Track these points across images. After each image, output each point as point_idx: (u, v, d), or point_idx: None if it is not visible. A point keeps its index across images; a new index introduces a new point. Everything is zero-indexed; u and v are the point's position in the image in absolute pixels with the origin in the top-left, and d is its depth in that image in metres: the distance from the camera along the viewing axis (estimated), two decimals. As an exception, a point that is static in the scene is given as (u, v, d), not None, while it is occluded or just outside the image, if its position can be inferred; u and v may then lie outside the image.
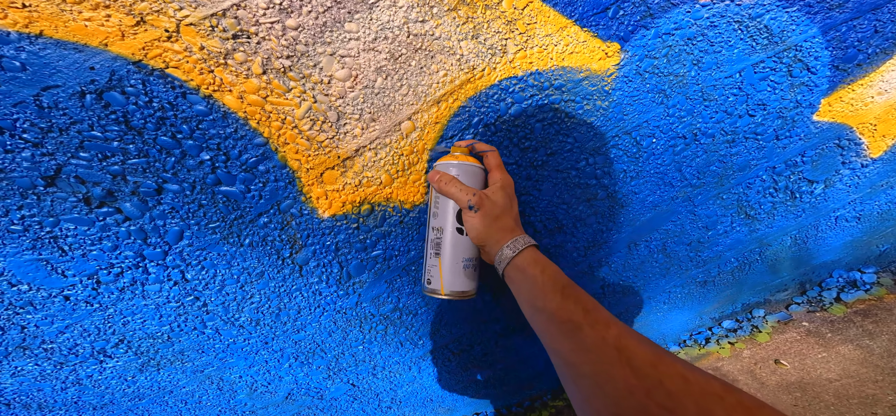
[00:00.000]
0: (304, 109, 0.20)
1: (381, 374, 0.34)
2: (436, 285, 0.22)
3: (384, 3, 0.19)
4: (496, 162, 0.22)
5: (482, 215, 0.20)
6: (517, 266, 0.19)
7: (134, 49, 0.17)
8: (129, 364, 0.25)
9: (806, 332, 0.36)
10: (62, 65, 0.16)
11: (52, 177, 0.18)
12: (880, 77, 0.28)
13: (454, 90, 0.21)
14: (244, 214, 0.21)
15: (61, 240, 0.19)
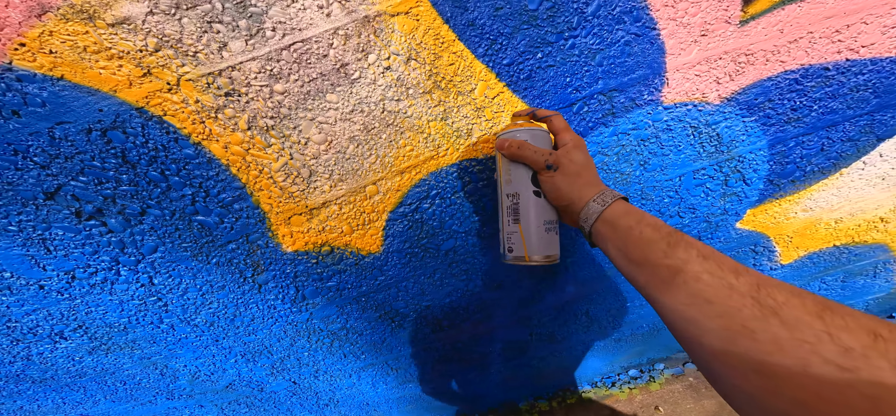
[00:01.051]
0: (281, 164, 0.31)
1: (322, 377, 0.51)
2: (519, 252, 0.28)
3: (365, 79, 0.30)
4: (563, 124, 0.28)
5: (562, 173, 0.26)
6: (607, 220, 0.23)
7: (138, 96, 0.26)
8: (81, 347, 0.36)
9: (688, 386, 0.63)
10: (76, 105, 0.26)
11: (52, 193, 0.27)
12: (808, 196, 0.46)
13: (418, 164, 0.34)
14: (215, 239, 0.33)
15: (49, 241, 0.29)
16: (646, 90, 0.35)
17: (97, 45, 0.25)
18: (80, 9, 0.23)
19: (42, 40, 0.24)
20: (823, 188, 0.44)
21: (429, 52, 0.30)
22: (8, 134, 0.26)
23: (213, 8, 0.25)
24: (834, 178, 0.43)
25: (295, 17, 0.27)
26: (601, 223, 0.24)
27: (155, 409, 0.46)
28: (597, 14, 0.31)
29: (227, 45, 0.27)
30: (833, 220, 0.47)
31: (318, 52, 0.28)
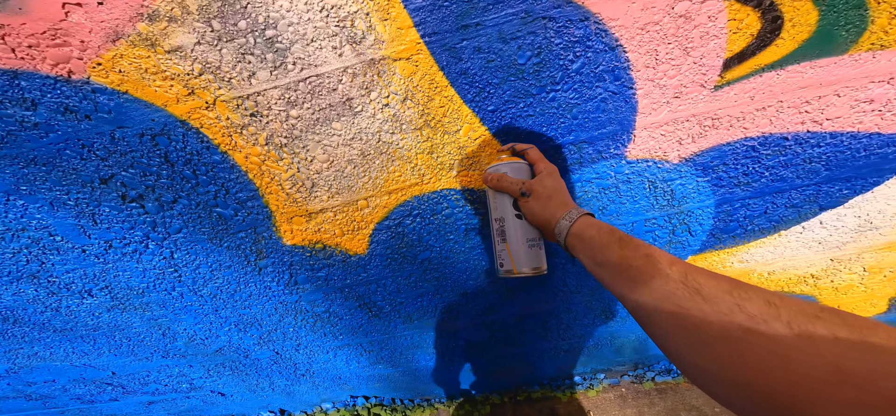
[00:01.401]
0: (289, 175, 0.43)
1: (302, 351, 0.66)
2: (508, 267, 0.39)
3: (366, 113, 0.41)
4: (537, 155, 0.39)
5: (535, 198, 0.36)
6: (575, 233, 0.32)
7: (183, 111, 0.38)
8: (102, 304, 0.51)
9: (619, 395, 0.82)
10: (134, 114, 0.38)
11: (106, 179, 0.40)
12: (745, 250, 0.62)
13: (404, 188, 0.47)
14: (229, 228, 0.46)
15: (97, 215, 0.42)
16: (613, 145, 0.47)
17: (155, 67, 0.36)
18: (145, 37, 0.35)
19: (114, 61, 0.35)
20: (761, 245, 0.58)
21: (423, 94, 0.41)
22: (80, 132, 0.38)
23: (247, 42, 0.36)
24: (772, 237, 0.57)
25: (313, 54, 0.38)
26: (571, 237, 0.33)
27: (149, 364, 0.61)
28: (580, 71, 0.42)
29: (256, 74, 0.38)
30: (766, 271, 0.61)
31: (329, 86, 0.39)
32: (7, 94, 0.35)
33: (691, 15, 0.39)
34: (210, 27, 0.35)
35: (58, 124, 0.38)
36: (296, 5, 0.35)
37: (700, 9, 0.39)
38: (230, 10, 0.34)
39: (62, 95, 0.36)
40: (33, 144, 0.38)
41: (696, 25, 0.40)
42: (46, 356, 0.57)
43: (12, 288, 0.47)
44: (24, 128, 0.37)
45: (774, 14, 0.40)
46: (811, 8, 0.39)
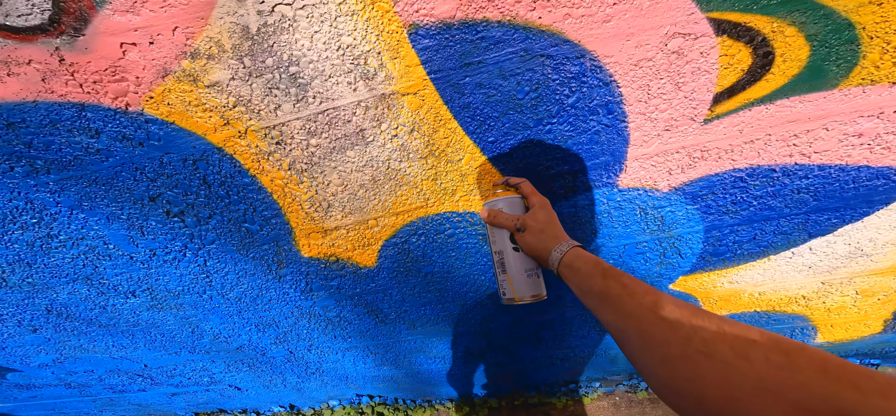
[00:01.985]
0: (308, 196, 0.49)
1: (314, 351, 0.73)
2: (510, 295, 0.42)
3: (376, 143, 0.46)
4: (530, 188, 0.43)
5: (529, 232, 0.40)
6: (566, 264, 0.36)
7: (219, 139, 0.44)
8: (143, 304, 0.58)
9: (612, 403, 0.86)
10: (179, 141, 0.44)
11: (154, 197, 0.47)
12: (734, 272, 0.65)
13: (410, 210, 0.52)
14: (254, 241, 0.52)
15: (144, 228, 0.48)
16: (605, 174, 0.51)
17: (197, 100, 0.42)
18: (188, 73, 0.41)
19: (163, 95, 0.42)
20: (750, 268, 0.61)
21: (428, 126, 0.46)
22: (134, 157, 0.45)
23: (273, 77, 0.42)
24: (762, 261, 0.60)
25: (330, 89, 0.43)
26: (562, 267, 0.37)
27: (177, 359, 0.69)
28: (575, 105, 0.46)
29: (281, 106, 0.43)
30: (756, 292, 0.64)
31: (345, 118, 0.45)
32: (76, 124, 0.42)
33: (684, 51, 0.42)
34: (242, 64, 0.40)
35: (116, 150, 0.44)
36: (316, 44, 0.40)
37: (693, 45, 0.42)
38: (259, 49, 0.40)
39: (120, 124, 0.43)
40: (95, 167, 0.45)
41: (688, 61, 0.43)
42: (90, 348, 0.64)
43: (69, 288, 0.55)
44: (88, 153, 0.44)
45: (766, 49, 0.42)
46: (803, 43, 0.41)
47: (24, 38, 0.37)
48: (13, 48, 0.38)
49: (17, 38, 0.37)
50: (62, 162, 0.44)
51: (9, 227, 0.49)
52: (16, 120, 0.41)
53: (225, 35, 0.39)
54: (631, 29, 0.41)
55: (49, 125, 0.42)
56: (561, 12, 0.40)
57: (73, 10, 0.36)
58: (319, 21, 0.39)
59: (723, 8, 0.39)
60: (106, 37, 0.38)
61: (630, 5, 0.40)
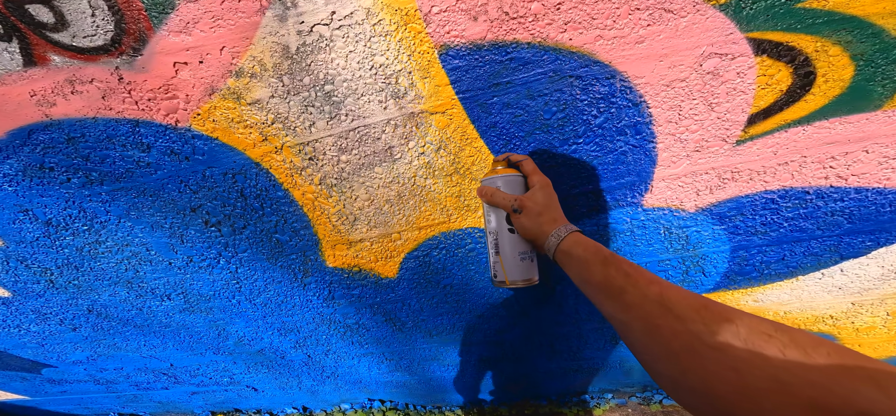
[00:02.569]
0: (336, 210, 0.51)
1: (331, 356, 0.75)
2: (501, 278, 0.42)
3: (404, 160, 0.48)
4: (532, 167, 0.41)
5: (526, 214, 0.38)
6: (563, 251, 0.35)
7: (257, 155, 0.47)
8: (176, 307, 0.61)
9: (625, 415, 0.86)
10: (221, 156, 0.47)
11: (195, 208, 0.50)
12: (760, 292, 0.64)
13: (433, 225, 0.53)
14: (284, 250, 0.54)
15: (184, 236, 0.52)
16: (630, 194, 0.51)
17: (239, 117, 0.45)
18: (233, 91, 0.44)
19: (210, 112, 0.45)
20: (777, 288, 0.60)
21: (455, 144, 0.48)
22: (180, 170, 0.48)
23: (309, 95, 0.44)
24: (789, 281, 0.59)
25: (362, 107, 0.45)
26: (559, 253, 0.35)
27: (201, 359, 0.72)
28: (603, 126, 0.47)
29: (315, 123, 0.46)
30: (782, 311, 0.63)
31: (374, 136, 0.47)
32: (130, 139, 0.46)
33: (719, 71, 0.42)
34: (281, 82, 0.43)
35: (164, 163, 0.48)
36: (350, 64, 0.43)
37: (729, 65, 0.42)
38: (297, 67, 0.42)
39: (170, 139, 0.46)
40: (144, 179, 0.49)
41: (723, 81, 0.42)
42: (123, 347, 0.69)
43: (110, 290, 0.59)
44: (139, 166, 0.48)
45: (807, 69, 0.41)
46: (847, 63, 0.40)
47: (88, 57, 0.40)
48: (78, 67, 0.42)
49: (82, 58, 0.41)
50: (115, 174, 0.48)
51: (61, 233, 0.53)
52: (76, 135, 0.45)
53: (267, 54, 0.42)
54: (665, 50, 0.41)
55: (106, 140, 0.46)
56: (592, 34, 0.41)
57: (133, 31, 0.40)
58: (354, 41, 0.41)
59: (764, 27, 0.39)
60: (161, 56, 0.41)
61: (665, 26, 0.40)
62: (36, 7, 0.38)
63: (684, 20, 0.39)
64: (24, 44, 0.40)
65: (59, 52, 0.40)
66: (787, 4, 0.38)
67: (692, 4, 0.39)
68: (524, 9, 0.40)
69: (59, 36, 0.39)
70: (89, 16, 0.39)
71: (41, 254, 0.56)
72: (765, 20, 0.38)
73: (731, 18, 0.39)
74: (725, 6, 0.38)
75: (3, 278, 0.59)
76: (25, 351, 0.71)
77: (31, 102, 0.43)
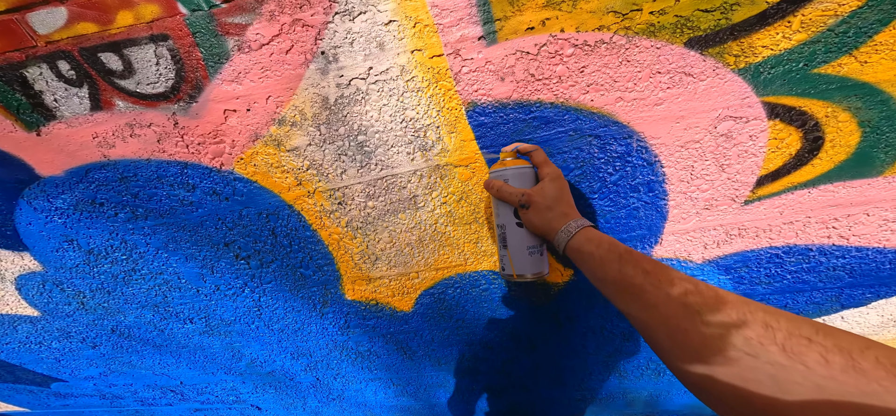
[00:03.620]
0: (360, 250, 0.55)
1: (339, 379, 0.79)
2: (509, 271, 0.42)
3: (426, 208, 0.53)
4: (542, 158, 0.40)
5: (534, 210, 0.37)
6: (574, 248, 0.34)
7: (291, 198, 0.52)
8: (197, 329, 0.65)
9: None
10: (258, 198, 0.52)
11: (228, 243, 0.55)
12: None
13: (450, 267, 0.58)
14: (306, 283, 0.59)
15: (214, 267, 0.56)
16: (640, 246, 0.55)
17: (278, 163, 0.50)
18: (274, 138, 0.48)
19: (252, 157, 0.49)
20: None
21: (476, 196, 0.52)
22: (219, 209, 0.53)
23: (343, 144, 0.49)
24: None
25: (392, 158, 0.50)
26: (569, 250, 0.35)
27: (212, 378, 0.76)
28: (618, 183, 0.51)
29: (347, 171, 0.50)
30: None
31: (400, 185, 0.51)
32: (177, 179, 0.51)
33: (733, 134, 0.45)
34: (319, 131, 0.48)
35: (206, 203, 0.52)
36: (383, 116, 0.47)
37: (743, 128, 0.44)
38: (334, 118, 0.47)
39: (213, 181, 0.51)
40: (186, 216, 0.53)
41: (736, 144, 0.45)
42: (138, 364, 0.72)
43: (137, 312, 0.63)
44: (182, 204, 0.52)
45: (816, 135, 0.44)
46: (854, 129, 0.43)
47: (149, 103, 0.45)
48: (139, 112, 0.46)
49: (144, 104, 0.45)
50: (159, 211, 0.53)
51: (101, 260, 0.57)
52: (129, 174, 0.50)
53: (308, 104, 0.46)
54: (682, 112, 0.44)
55: (155, 180, 0.50)
56: (613, 96, 0.44)
57: (191, 79, 0.44)
58: (388, 95, 0.46)
59: (780, 92, 0.42)
60: (213, 104, 0.46)
61: (683, 89, 0.43)
62: (107, 55, 0.43)
63: (703, 84, 0.42)
64: (94, 89, 0.45)
65: (124, 98, 0.45)
66: (803, 69, 0.41)
67: (712, 68, 0.42)
68: (549, 71, 0.43)
69: (126, 82, 0.44)
70: (154, 64, 0.43)
71: (78, 279, 0.61)
72: (781, 85, 0.41)
73: (748, 83, 0.42)
74: (744, 70, 0.41)
75: (35, 299, 0.63)
76: (41, 366, 0.75)
77: (93, 143, 0.48)
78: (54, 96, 0.45)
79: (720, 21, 0.40)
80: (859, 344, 0.19)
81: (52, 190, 0.52)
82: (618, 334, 0.66)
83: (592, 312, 0.63)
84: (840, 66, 0.40)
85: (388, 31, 0.42)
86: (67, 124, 0.47)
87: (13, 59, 0.43)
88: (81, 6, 0.40)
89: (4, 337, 0.68)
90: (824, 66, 0.40)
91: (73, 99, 0.45)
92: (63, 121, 0.47)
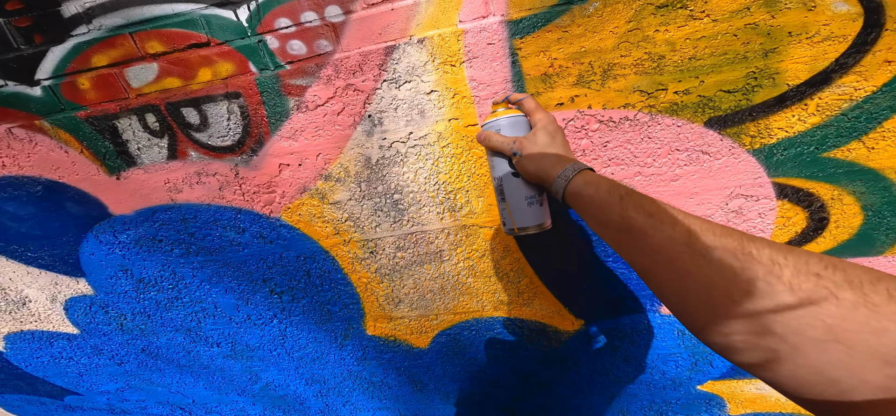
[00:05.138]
0: (385, 293, 0.63)
1: (347, 407, 0.85)
2: (510, 225, 0.42)
3: (451, 262, 0.61)
4: (533, 105, 0.40)
5: (527, 156, 0.37)
6: (572, 193, 0.33)
7: (328, 245, 0.60)
8: (222, 353, 0.71)
9: None
10: (298, 243, 0.60)
11: (266, 279, 0.62)
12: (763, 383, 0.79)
13: (467, 312, 0.65)
14: (332, 319, 0.66)
15: (249, 299, 0.63)
16: (649, 303, 0.63)
17: (320, 213, 0.57)
18: (320, 191, 0.56)
19: (298, 207, 0.57)
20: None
21: (498, 253, 0.60)
22: (263, 251, 0.60)
23: (380, 201, 0.56)
24: None
25: (422, 216, 0.57)
26: (567, 196, 0.34)
27: (224, 399, 0.82)
28: None
29: (381, 224, 0.58)
30: (784, 399, 0.72)
31: (428, 240, 0.59)
32: (231, 223, 0.58)
33: (743, 211, 0.48)
34: (360, 188, 0.55)
35: (252, 244, 0.59)
36: (418, 178, 0.55)
37: (753, 206, 0.47)
38: (374, 176, 0.55)
39: (261, 227, 0.58)
40: (232, 254, 0.60)
41: (745, 220, 0.48)
42: (157, 382, 0.78)
43: (170, 335, 0.69)
44: (232, 245, 0.60)
45: (822, 215, 0.46)
46: (858, 212, 0.45)
47: (217, 155, 0.53)
48: (207, 163, 0.54)
49: (212, 155, 0.53)
50: (210, 249, 0.60)
51: (149, 288, 0.64)
52: (189, 216, 0.57)
53: (352, 163, 0.54)
54: (696, 188, 0.47)
55: (212, 222, 0.57)
56: (633, 170, 0.48)
57: (255, 135, 0.52)
58: (425, 159, 0.53)
59: (790, 174, 0.44)
60: (271, 158, 0.53)
61: (700, 167, 0.46)
62: (188, 109, 0.50)
63: (719, 162, 0.45)
64: (173, 140, 0.52)
65: (197, 149, 0.53)
66: (814, 153, 0.42)
67: (728, 148, 0.44)
68: (574, 144, 0.48)
69: (200, 135, 0.51)
70: (226, 120, 0.51)
71: (123, 304, 0.67)
72: (792, 167, 0.44)
73: (761, 163, 0.43)
74: (758, 151, 0.43)
75: (79, 319, 0.69)
76: (63, 380, 0.80)
77: (164, 188, 0.55)
78: (138, 145, 0.52)
79: (741, 102, 0.42)
80: (870, 277, 0.19)
81: (120, 227, 0.59)
82: (623, 378, 0.73)
83: (600, 357, 0.70)
84: (849, 150, 0.42)
85: (429, 100, 0.49)
86: (144, 171, 0.54)
87: (108, 111, 0.51)
88: (170, 62, 0.47)
89: (38, 351, 0.73)
90: (834, 150, 0.42)
91: (154, 148, 0.52)
92: (141, 168, 0.54)
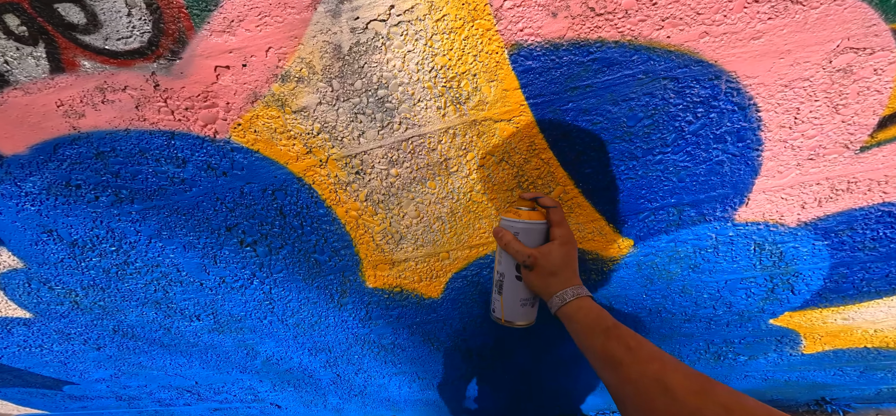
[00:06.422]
0: (381, 228, 0.50)
1: (360, 375, 0.78)
2: (498, 315, 0.45)
3: (460, 173, 0.47)
4: (559, 218, 0.42)
5: (537, 272, 0.41)
6: (566, 314, 0.39)
7: (299, 169, 0.46)
8: (205, 327, 0.63)
9: None
10: (262, 172, 0.46)
11: (230, 227, 0.50)
12: (854, 309, 0.60)
13: (486, 243, 0.53)
14: (322, 271, 0.55)
15: (217, 257, 0.52)
16: (720, 208, 0.49)
17: (283, 127, 0.44)
18: (277, 97, 0.42)
19: (251, 122, 0.43)
20: (874, 306, 0.57)
21: (520, 155, 0.46)
22: (217, 187, 0.48)
23: (360, 102, 0.43)
24: (889, 299, 0.56)
25: (418, 114, 0.44)
26: (560, 314, 0.40)
27: (227, 377, 0.76)
28: (698, 133, 0.44)
29: (365, 133, 0.44)
30: (872, 329, 0.61)
31: (429, 147, 0.45)
32: (164, 153, 0.45)
33: (853, 68, 0.39)
34: (331, 87, 0.41)
35: (200, 180, 0.47)
36: (408, 65, 0.41)
37: (866, 61, 0.39)
38: (349, 70, 0.41)
39: (207, 153, 0.45)
40: (178, 196, 0.49)
41: (855, 80, 0.40)
42: (148, 365, 0.72)
43: (138, 310, 0.61)
44: (173, 183, 0.47)
45: None
46: None
47: (122, 62, 0.39)
48: (110, 74, 0.40)
49: (115, 63, 0.39)
50: (147, 192, 0.48)
51: (88, 254, 0.54)
52: (106, 149, 0.45)
53: (316, 55, 0.40)
54: (787, 45, 0.38)
55: (138, 154, 0.45)
56: (697, 30, 0.38)
57: (172, 32, 0.38)
58: (414, 39, 0.39)
59: None
60: (201, 60, 0.40)
61: (790, 19, 0.37)
62: (66, 6, 0.36)
63: (816, 11, 0.37)
64: (52, 47, 0.39)
65: (90, 57, 0.39)
66: None
67: None
68: (613, 4, 0.37)
69: (91, 38, 0.38)
70: (125, 15, 0.37)
71: (65, 276, 0.58)
72: None
73: (875, 7, 0.37)
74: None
75: (24, 299, 0.61)
76: (47, 370, 0.75)
77: (58, 112, 0.42)
78: (5, 58, 0.40)
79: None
80: None
81: (18, 172, 0.47)
82: (678, 314, 0.62)
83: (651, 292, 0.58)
84: None
85: (410, -47, 0.34)
86: (24, 91, 0.42)
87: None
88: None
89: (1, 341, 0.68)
90: None
91: (27, 60, 0.39)
92: (18, 87, 0.41)
